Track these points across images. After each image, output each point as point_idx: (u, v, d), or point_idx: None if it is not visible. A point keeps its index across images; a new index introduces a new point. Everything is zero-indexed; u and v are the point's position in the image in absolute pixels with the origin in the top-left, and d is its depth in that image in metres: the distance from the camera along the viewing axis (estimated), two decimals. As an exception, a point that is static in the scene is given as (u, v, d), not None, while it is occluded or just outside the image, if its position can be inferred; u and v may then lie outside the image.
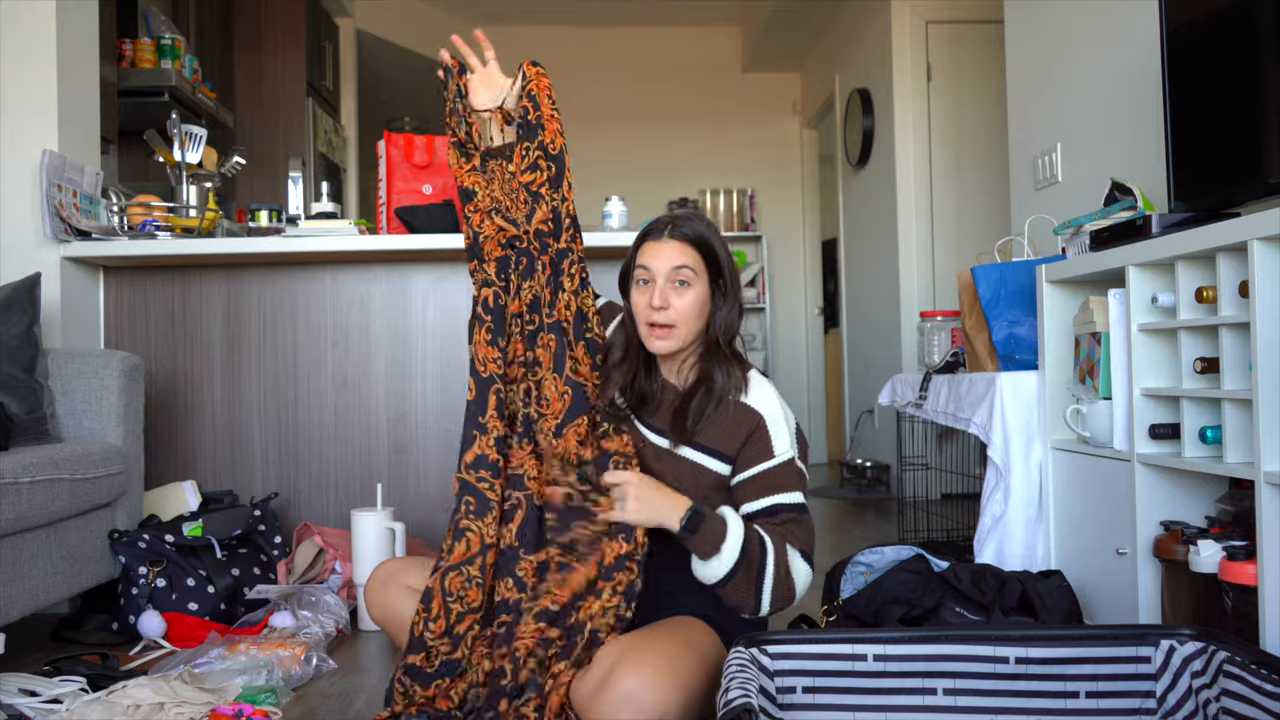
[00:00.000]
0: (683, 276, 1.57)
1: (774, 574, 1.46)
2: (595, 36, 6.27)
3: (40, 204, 2.42)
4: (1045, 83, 2.91)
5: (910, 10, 4.50)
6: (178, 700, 1.51)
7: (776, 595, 1.47)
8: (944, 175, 4.51)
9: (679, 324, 1.57)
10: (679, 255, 1.58)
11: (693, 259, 1.58)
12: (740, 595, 1.47)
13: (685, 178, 6.25)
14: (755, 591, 1.46)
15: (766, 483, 1.54)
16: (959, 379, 2.40)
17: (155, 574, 2.16)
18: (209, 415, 2.64)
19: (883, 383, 2.98)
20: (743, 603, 1.47)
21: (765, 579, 1.46)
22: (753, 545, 1.47)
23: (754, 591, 1.46)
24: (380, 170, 2.65)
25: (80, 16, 2.61)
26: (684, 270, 1.57)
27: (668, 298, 1.56)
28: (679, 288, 1.57)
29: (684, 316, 1.57)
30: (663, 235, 1.61)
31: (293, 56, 4.51)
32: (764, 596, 1.46)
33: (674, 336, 1.58)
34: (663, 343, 1.58)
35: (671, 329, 1.57)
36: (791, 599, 1.49)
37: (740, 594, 1.47)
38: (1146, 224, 1.79)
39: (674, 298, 1.57)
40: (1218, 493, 1.73)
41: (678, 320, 1.57)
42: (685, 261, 1.57)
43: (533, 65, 1.72)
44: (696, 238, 1.59)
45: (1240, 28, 1.71)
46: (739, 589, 1.46)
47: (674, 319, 1.57)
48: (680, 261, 1.57)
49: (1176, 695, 1.35)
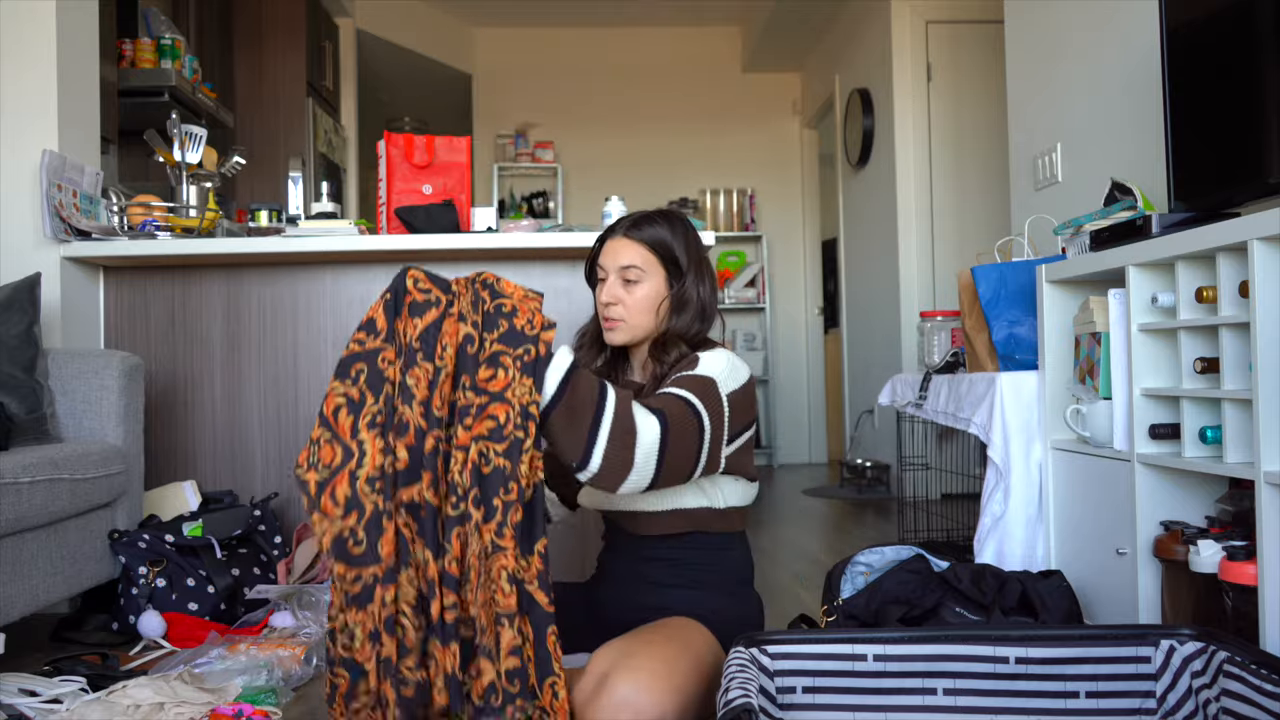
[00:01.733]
0: (630, 276, 1.65)
1: (614, 409, 1.34)
2: (595, 36, 6.27)
3: (40, 204, 2.42)
4: (1045, 83, 2.91)
5: (910, 10, 4.50)
6: (178, 700, 1.51)
7: (614, 437, 1.33)
8: (944, 175, 4.51)
9: (626, 318, 1.66)
10: (628, 254, 1.66)
11: (642, 258, 1.66)
12: (567, 435, 1.32)
13: (685, 178, 6.25)
14: (590, 425, 1.32)
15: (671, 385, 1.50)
16: (959, 379, 2.40)
17: (155, 574, 2.16)
18: (209, 415, 2.64)
19: (883, 383, 2.97)
20: (571, 440, 1.32)
21: (604, 412, 1.33)
22: (584, 383, 1.34)
23: (587, 425, 1.32)
24: (380, 170, 2.65)
25: (80, 16, 2.61)
26: (631, 270, 1.65)
27: (616, 292, 1.65)
28: (628, 285, 1.65)
29: (631, 311, 1.66)
30: (616, 234, 1.69)
31: (293, 56, 4.52)
32: (600, 431, 1.32)
33: (623, 329, 1.67)
34: (613, 334, 1.68)
35: (620, 322, 1.66)
36: (630, 453, 1.33)
37: (567, 433, 1.32)
38: (1146, 224, 1.78)
39: (623, 293, 1.65)
40: (1218, 493, 1.73)
41: (625, 315, 1.66)
42: (634, 260, 1.65)
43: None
44: (650, 238, 1.66)
45: (1240, 27, 1.71)
46: (564, 422, 1.32)
47: (621, 314, 1.66)
48: (628, 260, 1.66)
49: (1176, 695, 1.35)
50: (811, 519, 3.93)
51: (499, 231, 2.59)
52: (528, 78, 6.28)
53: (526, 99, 6.27)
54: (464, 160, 2.65)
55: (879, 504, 4.30)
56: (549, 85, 6.28)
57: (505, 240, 2.50)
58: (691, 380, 1.52)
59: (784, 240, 6.38)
